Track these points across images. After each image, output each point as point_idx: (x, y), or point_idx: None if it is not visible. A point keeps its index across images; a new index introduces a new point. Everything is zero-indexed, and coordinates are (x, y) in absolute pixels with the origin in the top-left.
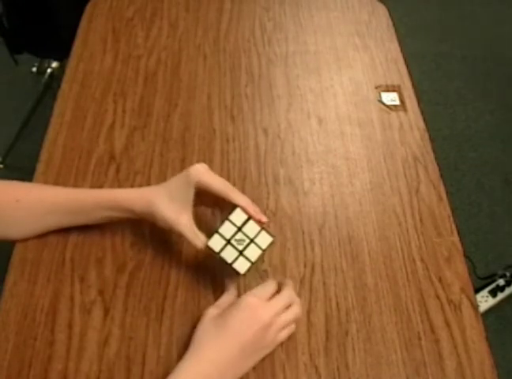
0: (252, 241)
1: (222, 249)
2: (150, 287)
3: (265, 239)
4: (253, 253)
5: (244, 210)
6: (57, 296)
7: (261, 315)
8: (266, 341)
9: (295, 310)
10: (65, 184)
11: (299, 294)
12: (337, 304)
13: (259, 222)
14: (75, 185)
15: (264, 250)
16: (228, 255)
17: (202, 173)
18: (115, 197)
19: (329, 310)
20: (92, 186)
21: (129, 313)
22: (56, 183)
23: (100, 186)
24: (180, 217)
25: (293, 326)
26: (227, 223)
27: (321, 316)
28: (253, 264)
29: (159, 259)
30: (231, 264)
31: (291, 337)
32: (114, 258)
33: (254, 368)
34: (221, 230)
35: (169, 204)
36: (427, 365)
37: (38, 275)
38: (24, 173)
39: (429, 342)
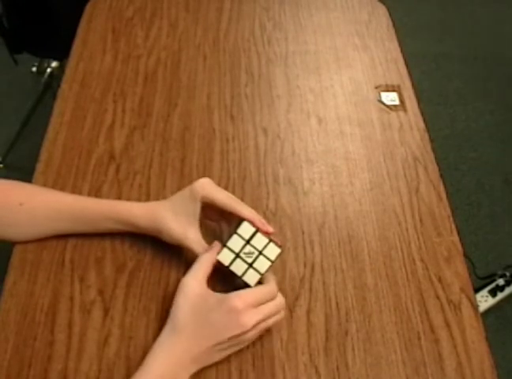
0: (261, 253)
1: (231, 263)
2: (150, 287)
3: (273, 251)
4: (262, 264)
5: (251, 222)
6: (56, 296)
7: (243, 321)
8: (243, 341)
9: (277, 318)
10: (64, 183)
11: (299, 294)
12: (337, 304)
13: (266, 233)
14: (75, 185)
15: (273, 262)
16: (238, 268)
17: (207, 187)
18: (120, 210)
19: (329, 310)
20: (92, 186)
21: (129, 313)
22: (56, 183)
23: (100, 186)
24: (187, 232)
25: (269, 324)
26: (235, 236)
27: (321, 316)
28: (262, 275)
29: (158, 259)
30: (240, 277)
31: (291, 337)
32: (114, 258)
33: (253, 367)
34: (229, 243)
35: (175, 220)
36: (427, 365)
37: (38, 276)
38: (24, 173)
39: (429, 342)
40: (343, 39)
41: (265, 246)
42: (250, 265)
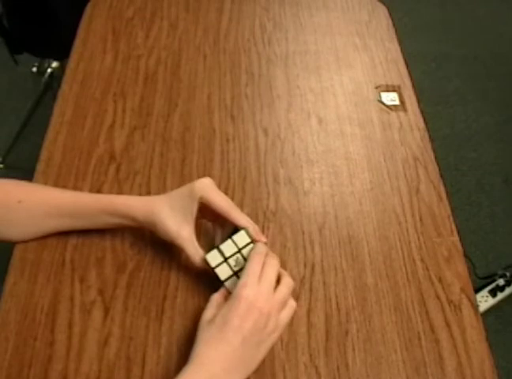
0: None
1: (218, 265)
2: (150, 287)
3: None
4: None
5: (248, 233)
6: (57, 296)
7: (257, 304)
8: (270, 327)
9: (287, 282)
10: (65, 184)
11: (299, 294)
12: (337, 304)
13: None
14: (75, 185)
15: None
16: (222, 272)
17: (207, 189)
18: (118, 203)
19: (329, 310)
20: (92, 186)
21: (129, 313)
22: (56, 183)
23: (100, 186)
24: (181, 230)
25: (293, 304)
26: (229, 241)
27: (321, 316)
28: None
29: (159, 259)
30: (222, 282)
31: (291, 337)
32: (114, 258)
33: None
34: (222, 247)
35: (172, 216)
36: (427, 365)
37: (38, 276)
38: (24, 173)
39: (429, 342)
40: (343, 39)
41: None
42: (235, 274)
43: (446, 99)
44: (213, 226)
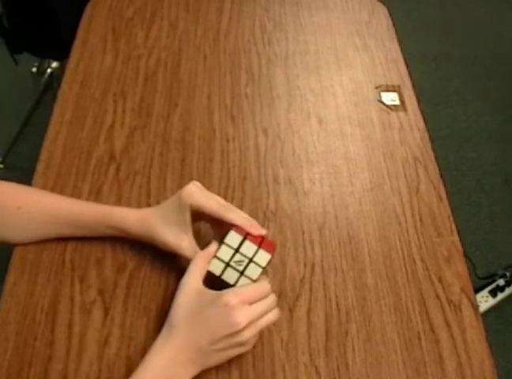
0: (251, 260)
1: (223, 272)
2: (150, 287)
3: (263, 257)
4: (253, 271)
5: (240, 229)
6: (57, 296)
7: (236, 317)
8: (241, 342)
9: (270, 318)
10: (65, 184)
11: (299, 294)
12: (337, 304)
13: (259, 236)
14: (75, 185)
15: (264, 268)
16: (230, 277)
17: (194, 196)
18: (115, 218)
19: (329, 310)
20: (92, 186)
21: (129, 313)
22: (56, 183)
23: (100, 186)
24: (181, 241)
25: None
26: (223, 246)
27: (321, 316)
28: (255, 282)
29: (159, 259)
30: (233, 286)
31: (291, 337)
32: (114, 258)
33: (254, 368)
34: (219, 254)
35: (168, 229)
36: (427, 365)
37: (38, 276)
38: (24, 173)
39: (429, 342)
40: (343, 39)
41: (255, 253)
42: (242, 273)
43: (446, 99)
44: (212, 226)
